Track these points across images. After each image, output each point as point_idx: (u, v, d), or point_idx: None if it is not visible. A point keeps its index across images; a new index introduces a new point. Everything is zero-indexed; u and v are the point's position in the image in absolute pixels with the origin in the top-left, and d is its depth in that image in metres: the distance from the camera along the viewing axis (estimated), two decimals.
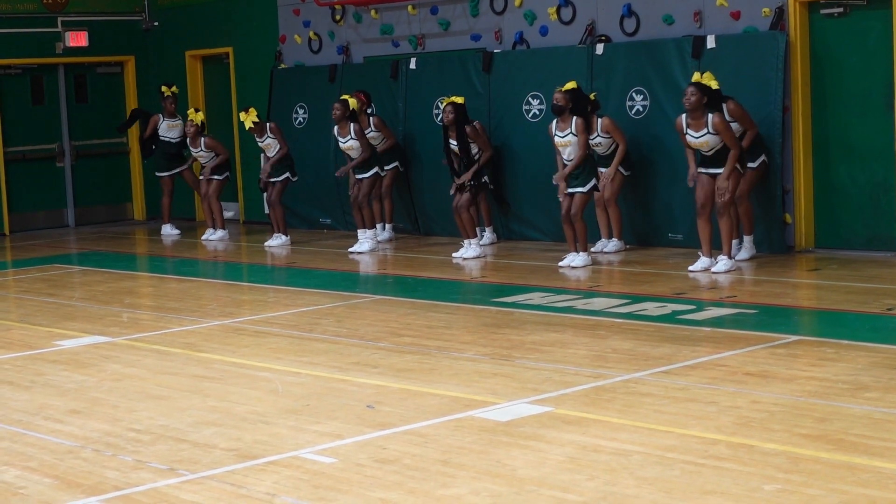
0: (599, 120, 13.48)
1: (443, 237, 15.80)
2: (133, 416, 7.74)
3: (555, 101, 13.11)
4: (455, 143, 14.08)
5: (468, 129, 14.09)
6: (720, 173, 12.14)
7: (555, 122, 13.19)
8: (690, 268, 12.37)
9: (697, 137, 12.13)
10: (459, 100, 14.17)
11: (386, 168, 15.74)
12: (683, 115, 12.27)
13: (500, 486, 5.99)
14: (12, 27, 19.36)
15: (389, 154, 15.84)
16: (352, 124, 15.21)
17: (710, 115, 12.06)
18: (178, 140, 18.27)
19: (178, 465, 6.61)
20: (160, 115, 18.37)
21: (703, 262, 12.34)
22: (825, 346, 8.88)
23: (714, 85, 12.20)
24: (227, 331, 10.54)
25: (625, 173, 13.72)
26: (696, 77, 12.30)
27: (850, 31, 12.95)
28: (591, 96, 13.64)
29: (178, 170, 18.41)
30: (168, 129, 18.32)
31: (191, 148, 17.41)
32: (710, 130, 12.05)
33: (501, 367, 8.66)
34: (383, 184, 15.82)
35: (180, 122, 18.15)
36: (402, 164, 16.08)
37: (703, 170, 12.29)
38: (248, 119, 16.04)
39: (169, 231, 18.40)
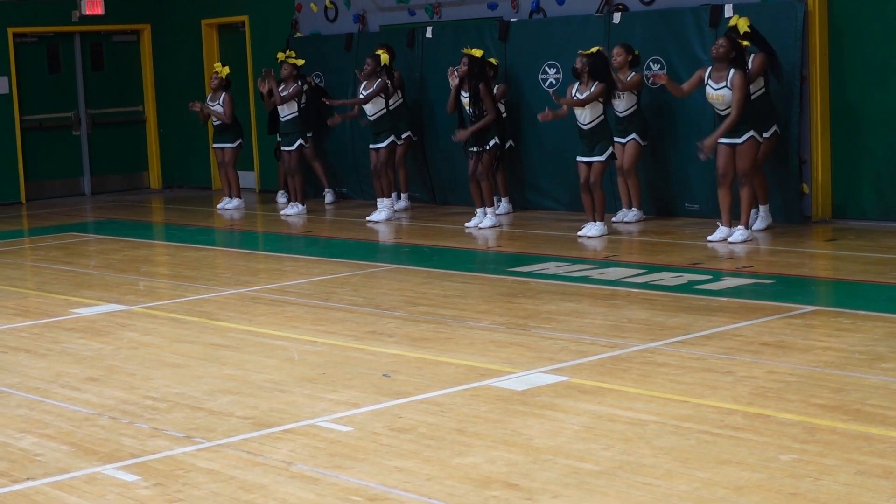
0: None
1: (459, 206, 15.78)
2: (149, 384, 7.77)
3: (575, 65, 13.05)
4: (466, 95, 13.95)
5: (481, 86, 13.89)
6: (739, 144, 12.08)
7: (576, 85, 13.07)
8: (709, 237, 12.33)
9: (716, 89, 12.08)
10: (478, 53, 14.06)
11: (402, 137, 15.70)
12: (709, 67, 12.21)
13: (516, 455, 5.99)
14: None
15: (403, 122, 15.77)
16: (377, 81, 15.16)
17: (732, 70, 12.01)
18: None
19: (194, 432, 6.63)
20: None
21: (721, 231, 12.30)
22: (842, 317, 8.86)
23: (747, 29, 12.27)
24: (244, 299, 10.56)
25: (642, 143, 13.67)
26: (733, 21, 12.29)
27: (868, 0, 12.87)
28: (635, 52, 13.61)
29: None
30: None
31: (209, 102, 17.28)
32: (728, 85, 12.01)
33: (517, 336, 8.66)
34: (398, 153, 15.78)
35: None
36: (415, 133, 16.07)
37: (722, 140, 12.24)
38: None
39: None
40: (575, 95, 13.02)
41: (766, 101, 12.57)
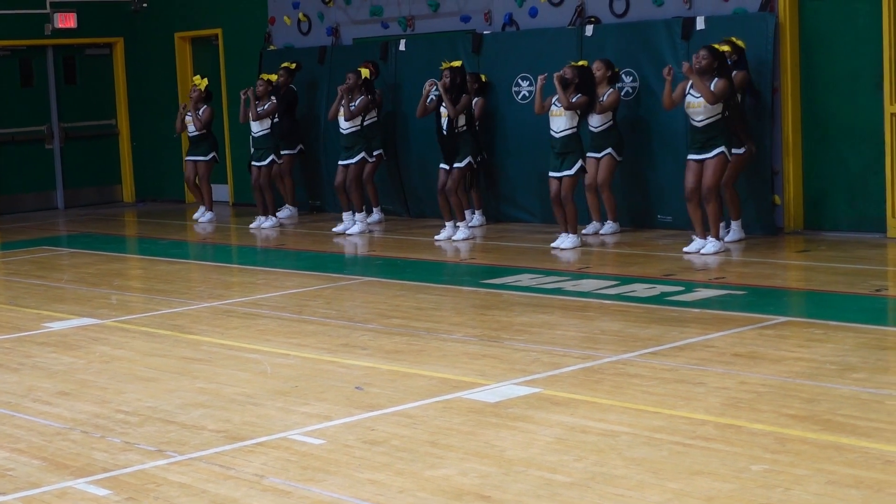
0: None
1: (432, 219, 15.79)
2: (121, 397, 7.74)
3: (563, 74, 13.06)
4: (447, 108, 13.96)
5: (464, 98, 13.95)
6: (709, 158, 12.10)
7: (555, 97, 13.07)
8: (685, 248, 12.37)
9: (697, 97, 12.12)
10: (457, 63, 14.20)
11: (374, 154, 15.64)
12: (690, 81, 12.25)
13: (489, 467, 6.00)
14: (1, 8, 19.29)
15: (376, 140, 15.73)
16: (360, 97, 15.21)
17: (716, 79, 12.06)
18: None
19: (166, 446, 6.61)
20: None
21: (697, 243, 12.34)
22: (813, 328, 8.90)
23: (738, 45, 12.44)
24: (216, 313, 10.54)
25: (618, 158, 13.68)
26: (730, 39, 12.54)
27: (839, 12, 12.94)
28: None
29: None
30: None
31: (190, 112, 17.28)
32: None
33: (490, 348, 8.67)
34: (367, 169, 15.67)
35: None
36: (390, 146, 16.08)
37: (692, 156, 12.28)
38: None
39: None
40: (554, 104, 13.03)
41: (741, 119, 12.57)
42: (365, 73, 15.34)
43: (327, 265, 13.01)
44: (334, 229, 15.38)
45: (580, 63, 13.23)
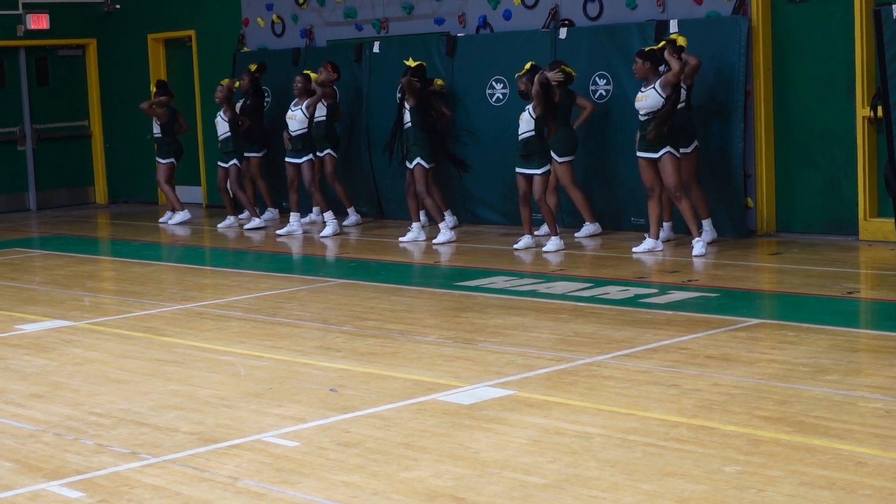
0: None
1: (406, 220, 15.76)
2: (94, 399, 7.72)
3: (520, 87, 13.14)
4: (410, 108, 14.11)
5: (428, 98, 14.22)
6: (656, 157, 12.25)
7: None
8: (634, 249, 12.49)
9: (643, 91, 12.46)
10: (413, 63, 14.33)
11: (322, 154, 15.70)
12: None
13: (463, 469, 6.00)
14: None
15: (328, 141, 15.70)
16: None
17: (657, 79, 12.33)
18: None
19: (139, 448, 6.59)
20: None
21: (648, 243, 12.49)
22: (786, 330, 8.94)
23: (681, 42, 12.53)
24: (190, 315, 10.51)
25: (560, 160, 13.54)
26: (672, 37, 12.60)
27: (811, 16, 13.01)
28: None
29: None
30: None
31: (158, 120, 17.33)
32: (655, 87, 12.33)
33: (464, 350, 8.67)
34: (327, 170, 15.68)
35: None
36: (359, 154, 16.12)
37: (641, 154, 12.42)
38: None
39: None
40: (528, 110, 13.01)
41: (685, 117, 12.60)
42: (314, 76, 15.37)
43: (301, 267, 12.98)
44: (278, 232, 15.65)
45: (562, 66, 13.26)
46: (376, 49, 16.29)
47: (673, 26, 13.41)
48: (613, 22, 14.25)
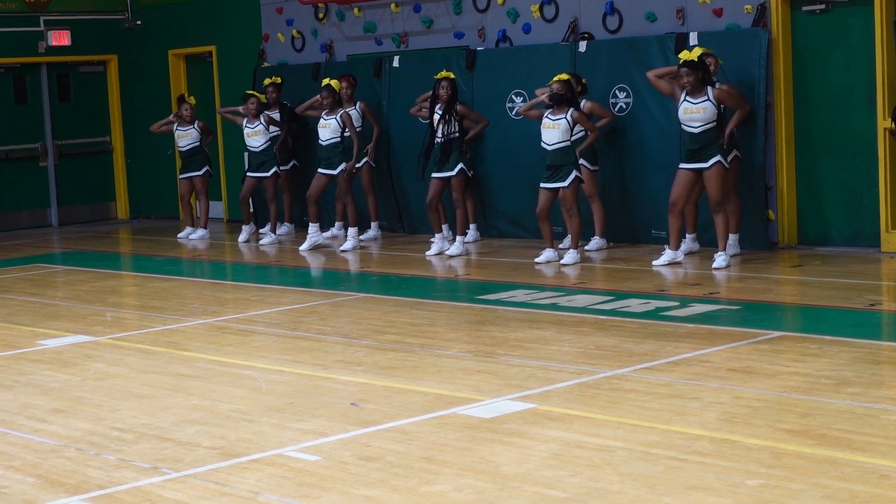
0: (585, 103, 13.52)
1: (427, 234, 15.77)
2: (116, 415, 7.73)
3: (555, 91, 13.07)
4: (440, 115, 14.20)
5: (460, 106, 14.38)
6: (704, 167, 12.15)
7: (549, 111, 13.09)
8: (654, 262, 12.45)
9: (696, 103, 12.19)
10: (452, 75, 14.52)
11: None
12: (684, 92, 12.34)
13: (484, 483, 5.99)
14: None
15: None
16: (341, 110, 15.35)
17: (709, 88, 12.16)
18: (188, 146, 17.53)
19: (161, 463, 6.60)
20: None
21: (667, 254, 12.44)
22: (808, 342, 8.90)
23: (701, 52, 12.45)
24: (211, 329, 10.53)
25: (591, 168, 13.62)
26: (684, 55, 12.33)
27: (831, 27, 12.98)
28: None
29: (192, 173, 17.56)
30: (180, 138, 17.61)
31: (180, 128, 17.34)
32: (710, 98, 12.12)
33: (485, 364, 8.67)
34: (362, 181, 15.84)
35: (192, 130, 17.46)
36: (379, 167, 16.18)
37: (684, 165, 12.33)
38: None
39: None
40: (547, 116, 13.00)
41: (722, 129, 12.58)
42: (335, 84, 15.32)
43: (322, 281, 12.99)
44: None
45: (563, 77, 13.18)
46: (396, 63, 16.31)
47: (693, 39, 13.39)
48: (633, 35, 14.24)
